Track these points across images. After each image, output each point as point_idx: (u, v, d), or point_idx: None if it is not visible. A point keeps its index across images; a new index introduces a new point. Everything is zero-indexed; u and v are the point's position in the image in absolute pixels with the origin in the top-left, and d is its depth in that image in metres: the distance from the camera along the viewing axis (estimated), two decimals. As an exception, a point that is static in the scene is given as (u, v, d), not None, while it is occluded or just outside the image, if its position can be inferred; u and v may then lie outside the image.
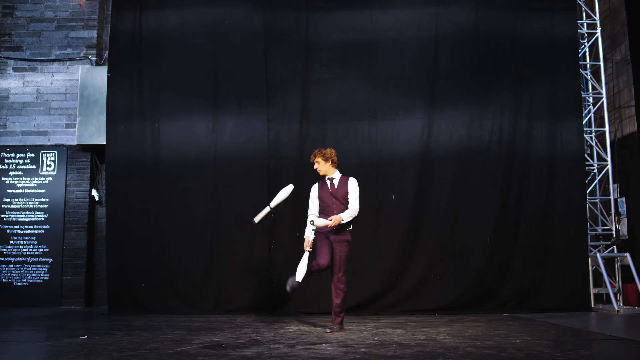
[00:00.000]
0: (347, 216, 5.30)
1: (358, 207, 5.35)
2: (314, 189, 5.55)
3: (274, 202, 5.71)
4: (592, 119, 8.01)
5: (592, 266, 7.34)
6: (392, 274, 7.07)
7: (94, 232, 8.27)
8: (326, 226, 5.23)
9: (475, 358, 3.84)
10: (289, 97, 7.44)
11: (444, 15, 7.50)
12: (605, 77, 7.90)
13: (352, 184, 5.44)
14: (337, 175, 5.49)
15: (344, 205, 5.35)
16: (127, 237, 7.22)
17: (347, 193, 5.39)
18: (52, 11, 8.52)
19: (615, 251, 7.64)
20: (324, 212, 5.40)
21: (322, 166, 5.47)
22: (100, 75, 8.00)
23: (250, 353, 4.06)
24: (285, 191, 5.69)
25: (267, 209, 5.76)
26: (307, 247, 5.31)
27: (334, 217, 5.23)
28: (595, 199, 7.80)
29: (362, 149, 7.30)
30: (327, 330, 5.27)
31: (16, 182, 8.16)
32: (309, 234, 5.39)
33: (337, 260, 5.31)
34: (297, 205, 7.17)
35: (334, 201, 5.38)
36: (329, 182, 5.47)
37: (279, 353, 4.05)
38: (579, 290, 7.11)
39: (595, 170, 7.83)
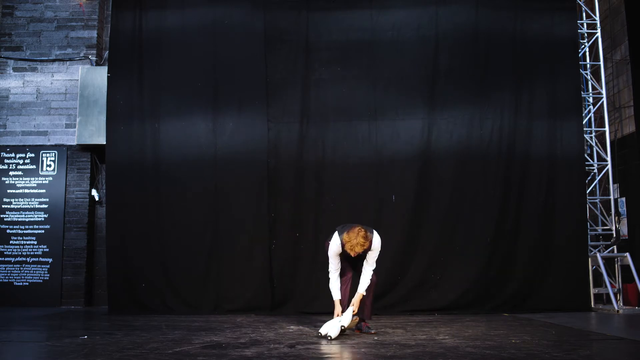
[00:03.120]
0: (363, 288, 4.97)
1: (373, 267, 5.02)
2: (337, 246, 4.94)
3: None
4: (592, 119, 8.01)
5: (592, 266, 7.34)
6: (392, 274, 7.06)
7: (94, 232, 8.27)
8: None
9: (475, 358, 3.84)
10: (289, 97, 7.44)
11: (444, 15, 7.50)
12: (605, 77, 7.90)
13: (376, 243, 4.94)
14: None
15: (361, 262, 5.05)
16: (127, 237, 7.22)
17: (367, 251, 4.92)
18: (52, 11, 8.52)
19: (615, 251, 7.64)
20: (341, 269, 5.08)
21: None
22: (100, 75, 8.00)
23: (250, 353, 4.06)
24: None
25: None
26: (338, 314, 4.92)
27: (355, 302, 4.92)
28: (595, 199, 7.80)
29: (362, 149, 7.30)
30: (373, 331, 5.13)
31: (16, 182, 8.15)
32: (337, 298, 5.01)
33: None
34: (298, 205, 7.20)
35: (355, 260, 5.05)
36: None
37: (279, 353, 4.05)
38: (579, 290, 7.11)
39: (595, 170, 7.83)
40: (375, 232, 4.99)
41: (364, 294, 5.01)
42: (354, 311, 4.93)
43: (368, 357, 3.91)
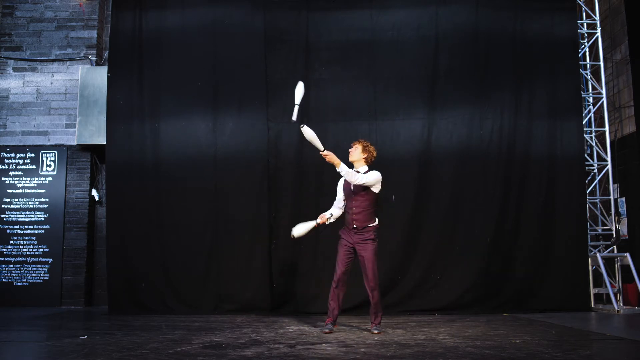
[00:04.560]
0: (345, 168, 5.06)
1: (361, 180, 5.08)
2: (341, 180, 5.39)
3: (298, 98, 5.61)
4: (592, 119, 8.01)
5: (592, 266, 7.34)
6: (392, 274, 7.06)
7: (94, 232, 8.27)
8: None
9: (475, 358, 3.84)
10: (289, 97, 7.38)
11: (444, 15, 7.50)
12: (605, 77, 7.90)
13: (372, 172, 5.22)
14: (363, 169, 5.28)
15: (363, 199, 5.15)
16: (127, 237, 7.22)
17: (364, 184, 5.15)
18: (52, 11, 8.52)
19: (615, 251, 7.64)
20: (346, 206, 5.29)
21: (356, 153, 5.25)
22: (100, 75, 8.01)
23: (250, 353, 4.06)
24: (299, 88, 5.62)
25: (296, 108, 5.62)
26: (320, 219, 5.37)
27: (329, 153, 5.06)
28: (595, 199, 7.80)
29: (362, 149, 7.28)
30: (375, 331, 5.20)
31: (16, 182, 8.15)
32: (328, 215, 5.40)
33: (364, 266, 5.16)
34: (298, 205, 7.20)
35: (351, 194, 5.21)
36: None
37: (279, 353, 4.06)
38: (579, 290, 7.11)
39: (595, 170, 7.83)
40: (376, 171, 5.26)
41: (339, 168, 5.08)
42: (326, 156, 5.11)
43: (368, 357, 3.91)
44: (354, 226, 5.22)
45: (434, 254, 7.13)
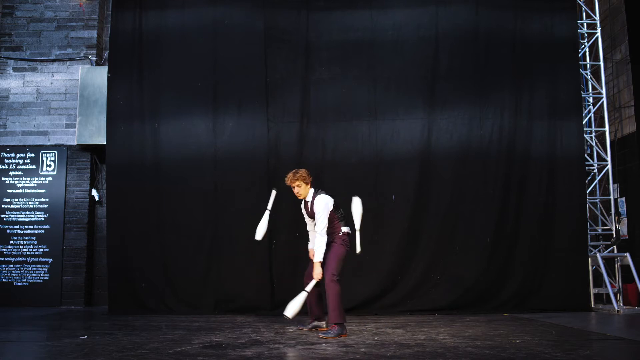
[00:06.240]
0: (320, 255, 5.07)
1: (324, 231, 5.09)
2: (301, 205, 5.50)
3: (270, 205, 5.60)
4: (592, 119, 8.02)
5: (592, 266, 7.34)
6: (392, 274, 7.07)
7: (94, 232, 8.27)
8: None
9: (475, 358, 3.84)
10: (289, 97, 7.44)
11: (444, 15, 7.51)
12: (605, 77, 7.90)
13: (317, 205, 5.18)
14: (311, 193, 5.34)
15: None
16: (127, 237, 7.22)
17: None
18: (52, 11, 8.52)
19: (615, 251, 7.64)
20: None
21: (301, 191, 5.29)
22: (100, 75, 8.01)
23: (250, 353, 4.06)
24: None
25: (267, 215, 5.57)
26: (315, 280, 5.12)
27: (315, 273, 5.09)
28: (595, 199, 7.81)
29: (362, 149, 7.31)
30: (321, 335, 5.04)
31: (16, 182, 8.15)
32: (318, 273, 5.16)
33: (325, 261, 5.14)
34: (298, 205, 7.19)
35: (312, 222, 5.39)
36: (305, 203, 5.40)
37: (279, 353, 4.06)
38: (579, 290, 7.11)
39: (595, 170, 7.83)
40: (322, 194, 5.25)
41: (321, 260, 5.10)
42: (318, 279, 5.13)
43: (368, 357, 3.92)
44: None
45: (434, 254, 7.14)
